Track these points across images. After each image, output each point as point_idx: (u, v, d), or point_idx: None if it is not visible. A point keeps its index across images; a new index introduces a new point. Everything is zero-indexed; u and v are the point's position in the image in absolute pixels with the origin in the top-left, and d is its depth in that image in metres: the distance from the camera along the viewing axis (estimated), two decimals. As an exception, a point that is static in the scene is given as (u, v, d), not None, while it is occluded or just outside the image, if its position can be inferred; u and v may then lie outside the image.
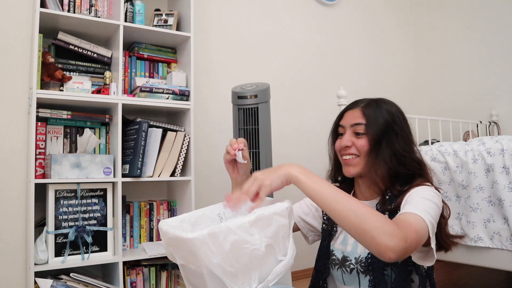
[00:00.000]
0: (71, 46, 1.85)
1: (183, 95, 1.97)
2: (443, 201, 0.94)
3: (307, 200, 1.18)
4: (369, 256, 0.95)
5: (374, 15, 3.22)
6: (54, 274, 1.63)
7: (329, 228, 1.09)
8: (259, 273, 0.75)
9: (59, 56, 1.85)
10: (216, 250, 0.70)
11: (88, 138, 1.72)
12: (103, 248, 1.75)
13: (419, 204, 0.86)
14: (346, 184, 1.12)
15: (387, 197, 0.99)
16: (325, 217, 1.13)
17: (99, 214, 1.76)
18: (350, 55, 3.03)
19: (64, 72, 1.79)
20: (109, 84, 1.87)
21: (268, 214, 0.75)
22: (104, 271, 1.89)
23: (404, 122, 1.02)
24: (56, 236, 1.66)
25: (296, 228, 1.17)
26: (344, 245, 1.02)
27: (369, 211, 0.76)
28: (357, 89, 2.68)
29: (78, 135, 1.83)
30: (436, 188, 0.96)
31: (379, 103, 1.03)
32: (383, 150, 0.96)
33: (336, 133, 1.08)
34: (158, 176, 1.89)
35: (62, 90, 1.76)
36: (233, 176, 1.03)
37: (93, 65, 1.91)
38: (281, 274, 0.76)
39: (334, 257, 1.03)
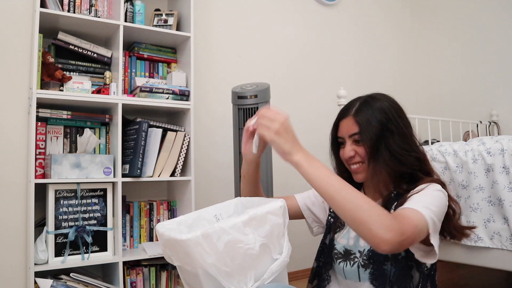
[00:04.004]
0: (71, 46, 1.85)
1: (183, 95, 1.97)
2: (452, 198, 0.95)
3: (314, 191, 1.18)
4: (370, 249, 0.96)
5: (373, 14, 3.22)
6: (54, 274, 1.63)
7: (334, 222, 1.10)
8: (255, 272, 0.75)
9: (59, 56, 1.85)
10: (210, 250, 0.71)
11: (88, 138, 1.72)
12: (103, 248, 1.75)
13: (420, 200, 0.86)
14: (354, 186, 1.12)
15: (392, 195, 0.99)
16: (331, 210, 1.13)
17: (99, 214, 1.76)
18: (349, 54, 3.03)
19: (64, 72, 1.79)
20: (109, 84, 1.87)
21: (262, 214, 0.76)
22: (104, 271, 1.89)
23: (398, 116, 1.01)
24: (56, 236, 1.66)
25: (301, 216, 1.17)
26: (346, 239, 1.03)
27: (368, 203, 0.77)
28: (357, 89, 2.66)
29: (78, 135, 1.83)
30: (442, 184, 0.96)
31: (369, 103, 1.01)
32: (382, 153, 0.96)
33: (336, 143, 1.08)
34: (158, 176, 1.89)
35: (62, 90, 1.76)
36: (243, 151, 1.02)
37: (93, 65, 1.91)
38: (276, 272, 0.77)
39: (335, 250, 1.04)
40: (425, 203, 0.84)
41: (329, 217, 1.13)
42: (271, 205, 0.78)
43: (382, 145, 0.96)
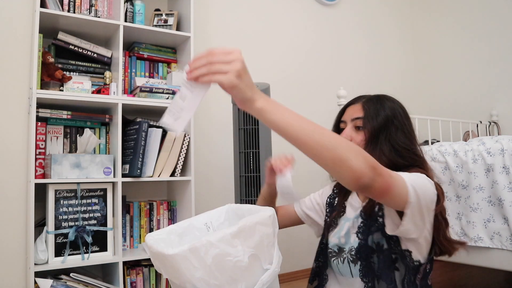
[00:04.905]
0: (71, 46, 1.85)
1: (183, 95, 1.97)
2: (438, 187, 0.91)
3: (311, 196, 1.21)
4: (358, 246, 0.96)
5: (373, 15, 3.22)
6: (54, 274, 1.63)
7: (329, 222, 1.10)
8: (246, 284, 0.74)
9: (59, 56, 1.85)
10: (198, 265, 0.70)
11: (88, 138, 1.72)
12: (103, 248, 1.75)
13: (401, 173, 0.83)
14: None
15: None
16: (327, 210, 1.14)
17: (99, 214, 1.76)
18: (349, 54, 3.03)
19: (64, 72, 1.79)
20: (109, 84, 1.87)
21: (251, 224, 0.74)
22: (104, 271, 1.89)
23: (406, 119, 1.02)
24: (56, 236, 1.66)
25: (300, 222, 1.20)
26: (338, 238, 1.03)
27: (344, 140, 0.73)
28: (356, 89, 2.67)
29: (78, 135, 1.83)
30: (436, 184, 0.93)
31: (381, 98, 1.04)
32: (382, 143, 0.96)
33: (338, 128, 1.09)
34: (158, 176, 1.89)
35: (62, 90, 1.76)
36: (267, 180, 1.11)
37: (93, 65, 1.91)
38: (267, 283, 0.76)
39: (330, 249, 1.04)
40: (406, 176, 0.82)
41: (326, 217, 1.13)
42: (260, 215, 0.77)
43: (383, 135, 0.97)
